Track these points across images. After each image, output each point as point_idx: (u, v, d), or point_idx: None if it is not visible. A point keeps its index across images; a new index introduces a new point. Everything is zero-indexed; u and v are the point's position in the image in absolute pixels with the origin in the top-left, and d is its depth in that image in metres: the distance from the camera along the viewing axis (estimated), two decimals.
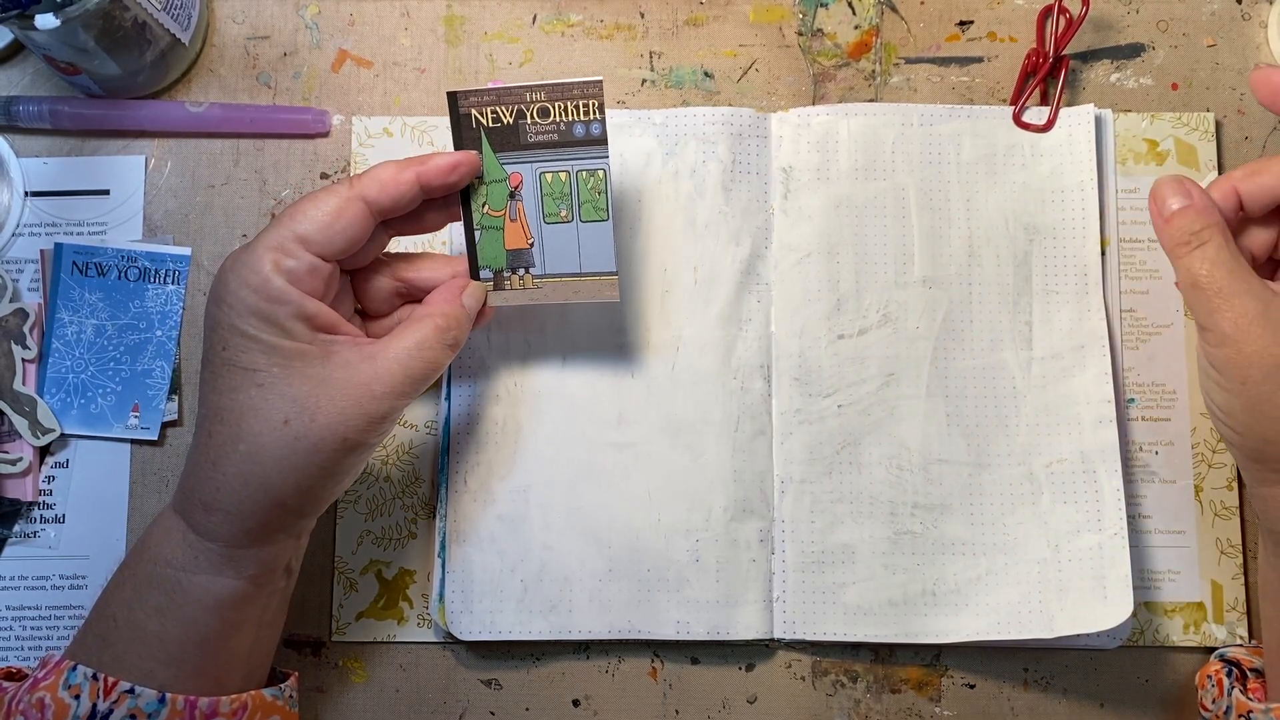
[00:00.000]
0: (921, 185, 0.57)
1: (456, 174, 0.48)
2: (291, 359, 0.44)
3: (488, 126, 0.48)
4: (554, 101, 0.48)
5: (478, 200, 0.50)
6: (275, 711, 0.47)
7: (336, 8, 0.60)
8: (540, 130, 0.48)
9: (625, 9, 0.60)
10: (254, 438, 0.43)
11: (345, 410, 0.44)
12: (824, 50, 0.60)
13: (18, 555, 0.55)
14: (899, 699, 0.55)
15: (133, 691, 0.43)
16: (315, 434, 0.43)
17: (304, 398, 0.44)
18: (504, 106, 0.48)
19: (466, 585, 0.54)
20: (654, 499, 0.54)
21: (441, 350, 0.46)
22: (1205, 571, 0.55)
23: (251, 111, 0.58)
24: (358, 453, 0.45)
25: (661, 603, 0.54)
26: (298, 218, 0.45)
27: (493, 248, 0.50)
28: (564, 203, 0.49)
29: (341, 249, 0.46)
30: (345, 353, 0.45)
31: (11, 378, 0.55)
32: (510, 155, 0.49)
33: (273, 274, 0.44)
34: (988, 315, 0.56)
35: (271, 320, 0.44)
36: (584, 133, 0.48)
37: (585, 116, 0.48)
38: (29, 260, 0.57)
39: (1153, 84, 0.59)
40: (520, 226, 0.50)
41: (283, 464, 0.43)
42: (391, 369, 0.45)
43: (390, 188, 0.46)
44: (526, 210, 0.50)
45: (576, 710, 0.55)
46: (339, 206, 0.45)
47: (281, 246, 0.44)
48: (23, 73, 0.59)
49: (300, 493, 0.44)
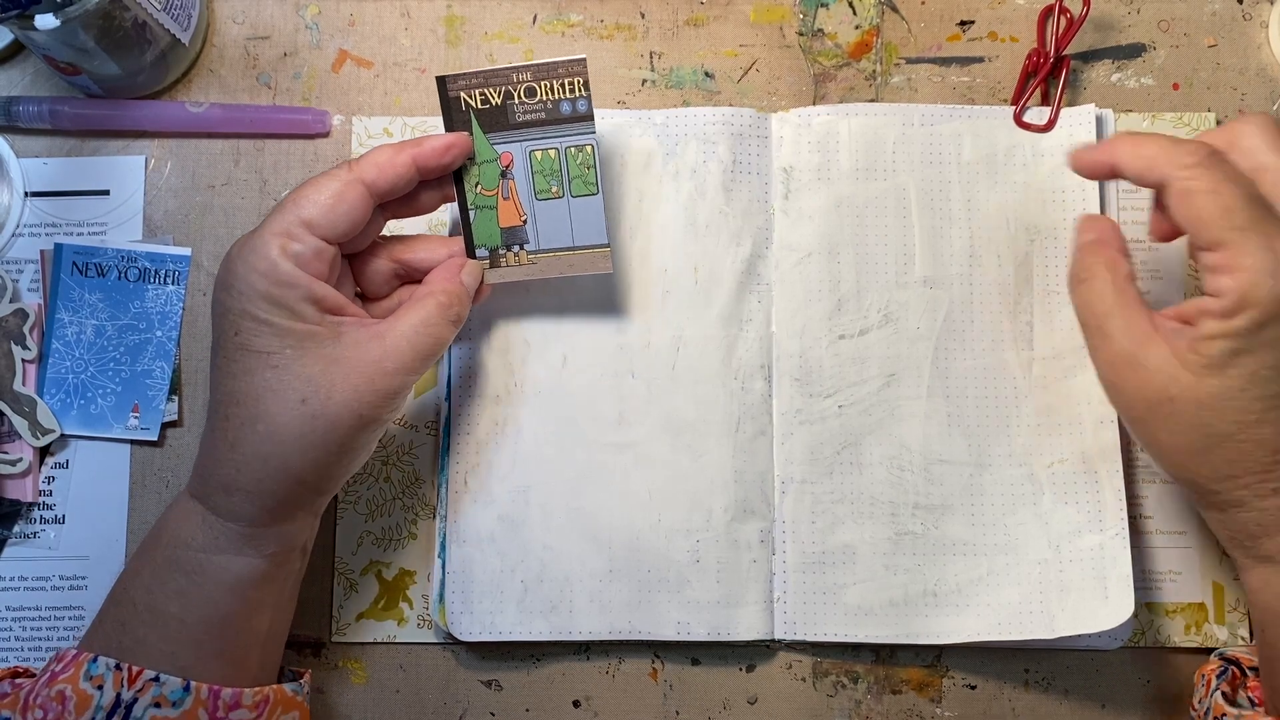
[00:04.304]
0: (922, 185, 0.57)
1: (450, 155, 0.49)
2: (304, 340, 0.45)
3: (477, 108, 0.50)
4: (540, 81, 0.49)
5: (470, 181, 0.51)
6: (295, 707, 0.48)
7: (336, 8, 0.60)
8: (528, 110, 0.50)
9: (626, 9, 0.60)
10: (272, 418, 0.45)
11: (359, 387, 0.45)
12: (825, 50, 0.60)
13: (17, 556, 0.55)
14: (900, 700, 0.55)
15: (158, 680, 0.43)
16: (332, 411, 0.45)
17: (318, 377, 0.45)
18: (492, 88, 0.49)
19: (466, 586, 0.54)
20: (654, 499, 0.54)
21: (445, 326, 0.48)
22: (1207, 572, 0.55)
23: (251, 112, 0.58)
24: (372, 428, 0.46)
25: (662, 603, 0.54)
26: (301, 203, 0.46)
27: (487, 226, 0.51)
28: (554, 179, 0.51)
29: (345, 231, 0.47)
30: (354, 333, 0.46)
31: (11, 378, 0.55)
32: (500, 135, 0.50)
33: (280, 258, 0.45)
34: (989, 315, 0.56)
35: (282, 304, 0.45)
36: (570, 110, 0.50)
37: (571, 94, 0.49)
38: (29, 260, 0.57)
39: (1154, 84, 0.59)
40: (513, 204, 0.51)
41: (301, 442, 0.45)
42: (400, 345, 0.46)
43: (388, 170, 0.47)
44: (518, 188, 0.51)
45: (577, 711, 0.55)
46: (340, 190, 0.46)
47: (287, 231, 0.46)
48: (23, 73, 0.59)
49: (318, 469, 0.46)
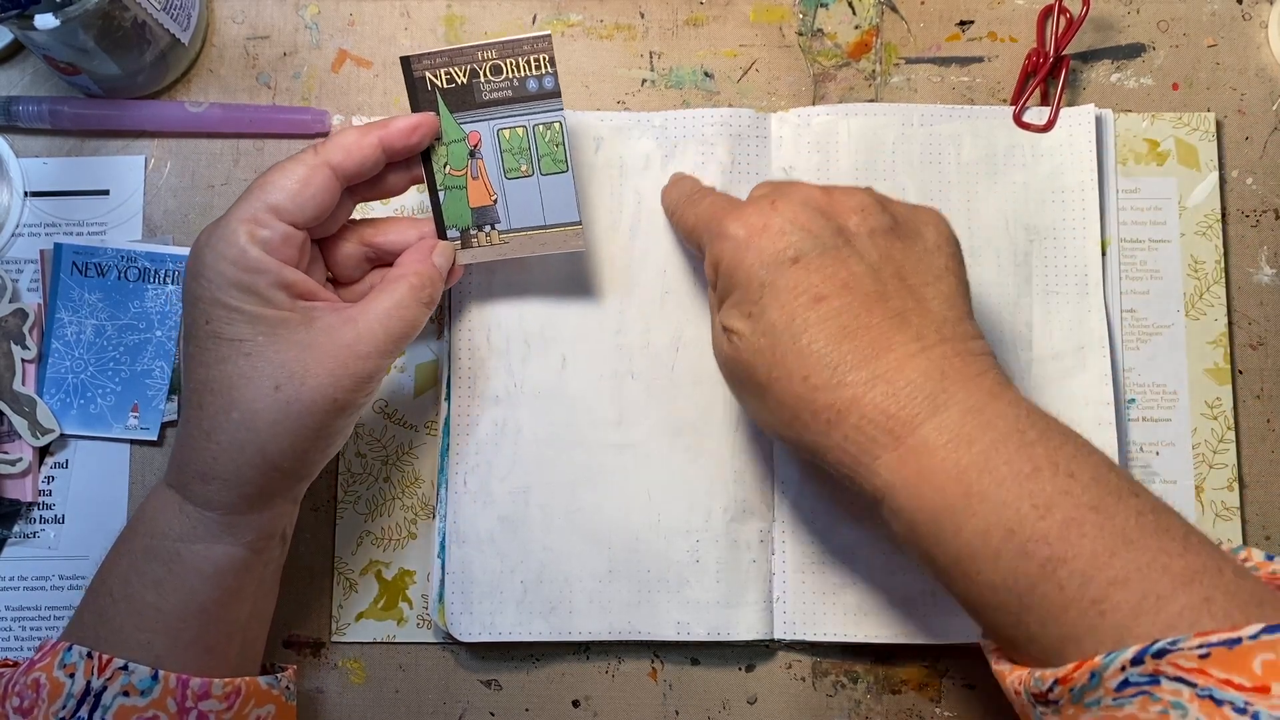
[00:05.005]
0: (922, 185, 0.57)
1: (417, 135, 0.49)
2: (276, 327, 0.45)
3: (442, 88, 0.50)
4: (505, 59, 0.49)
5: (439, 161, 0.51)
6: (270, 700, 0.47)
7: (336, 8, 0.60)
8: (494, 88, 0.50)
9: (625, 9, 0.60)
10: (246, 404, 0.44)
11: (334, 372, 0.45)
12: (824, 50, 0.60)
13: (17, 556, 0.55)
14: (899, 700, 0.55)
15: (126, 668, 0.43)
16: (306, 397, 0.45)
17: (292, 363, 0.45)
18: (457, 67, 0.49)
19: (466, 586, 0.54)
20: (654, 499, 0.54)
21: (418, 308, 0.48)
22: None
23: (251, 111, 0.58)
24: (347, 413, 0.46)
25: (661, 603, 0.54)
26: (268, 188, 0.46)
27: (457, 207, 0.51)
28: (523, 157, 0.51)
29: (313, 215, 0.47)
30: (326, 318, 0.46)
31: (11, 378, 0.55)
32: (467, 114, 0.50)
33: (249, 244, 0.45)
34: (988, 316, 0.56)
35: (252, 290, 0.45)
36: (537, 87, 0.50)
37: (537, 71, 0.49)
38: (28, 260, 0.57)
39: (1153, 84, 0.59)
40: (483, 184, 0.51)
41: (276, 428, 0.45)
42: (374, 329, 0.46)
43: (355, 152, 0.47)
44: (488, 167, 0.51)
45: (576, 711, 0.55)
46: (306, 174, 0.46)
47: (255, 218, 0.45)
48: (23, 73, 0.59)
49: (295, 455, 0.46)
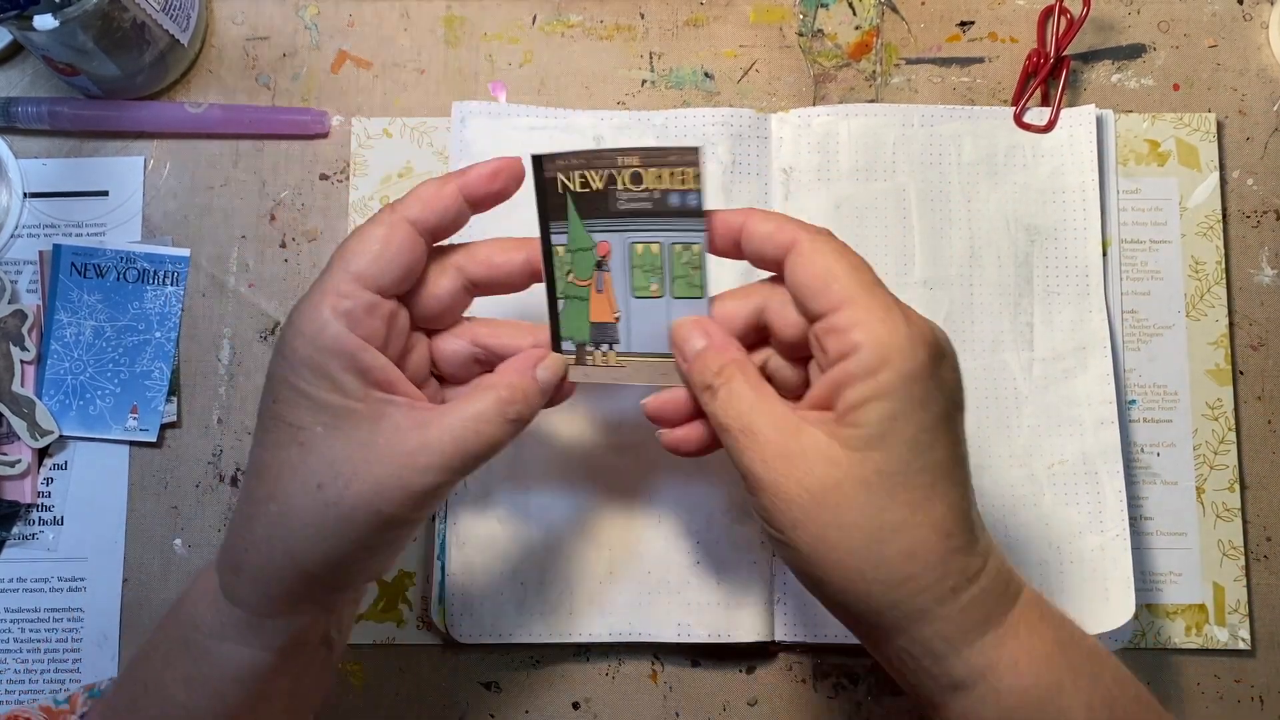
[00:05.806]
0: (922, 186, 0.57)
1: (499, 181, 0.44)
2: (338, 418, 0.40)
3: (575, 191, 0.44)
4: (647, 168, 0.43)
5: (562, 268, 0.45)
6: None
7: (336, 8, 0.60)
8: (632, 198, 0.44)
9: (625, 9, 0.60)
10: (286, 499, 0.40)
11: (382, 480, 0.40)
12: (824, 51, 0.60)
13: (16, 557, 0.55)
14: (900, 700, 0.55)
15: None
16: (348, 503, 0.40)
17: (342, 462, 0.40)
18: (594, 171, 0.44)
19: (466, 588, 0.54)
20: (654, 502, 0.54)
21: (501, 425, 0.42)
22: (1207, 574, 0.55)
23: (251, 112, 0.58)
24: (395, 529, 0.41)
25: (662, 605, 0.54)
26: (348, 256, 0.42)
27: (577, 319, 0.46)
28: (655, 276, 0.45)
29: (399, 278, 0.42)
30: (397, 416, 0.41)
31: (10, 379, 0.55)
32: (599, 223, 0.44)
33: (331, 319, 0.40)
34: (989, 316, 0.56)
35: (323, 372, 0.40)
36: (680, 203, 0.44)
37: (682, 185, 0.43)
38: (28, 261, 0.57)
39: (1154, 84, 0.59)
40: (607, 299, 0.46)
41: (309, 530, 0.40)
42: (442, 439, 0.40)
43: (433, 203, 0.43)
44: (614, 282, 0.45)
45: (576, 713, 0.55)
46: (385, 235, 0.42)
47: (338, 289, 0.41)
48: (22, 73, 0.59)
49: (329, 564, 0.41)
